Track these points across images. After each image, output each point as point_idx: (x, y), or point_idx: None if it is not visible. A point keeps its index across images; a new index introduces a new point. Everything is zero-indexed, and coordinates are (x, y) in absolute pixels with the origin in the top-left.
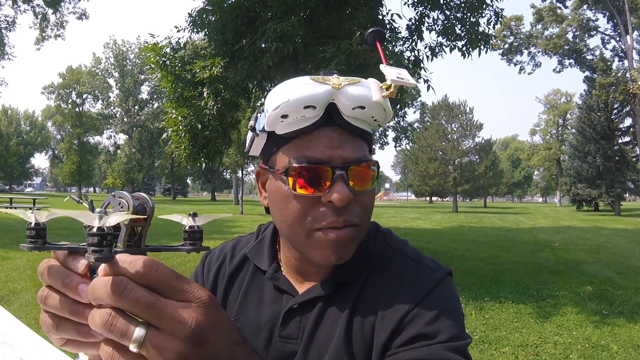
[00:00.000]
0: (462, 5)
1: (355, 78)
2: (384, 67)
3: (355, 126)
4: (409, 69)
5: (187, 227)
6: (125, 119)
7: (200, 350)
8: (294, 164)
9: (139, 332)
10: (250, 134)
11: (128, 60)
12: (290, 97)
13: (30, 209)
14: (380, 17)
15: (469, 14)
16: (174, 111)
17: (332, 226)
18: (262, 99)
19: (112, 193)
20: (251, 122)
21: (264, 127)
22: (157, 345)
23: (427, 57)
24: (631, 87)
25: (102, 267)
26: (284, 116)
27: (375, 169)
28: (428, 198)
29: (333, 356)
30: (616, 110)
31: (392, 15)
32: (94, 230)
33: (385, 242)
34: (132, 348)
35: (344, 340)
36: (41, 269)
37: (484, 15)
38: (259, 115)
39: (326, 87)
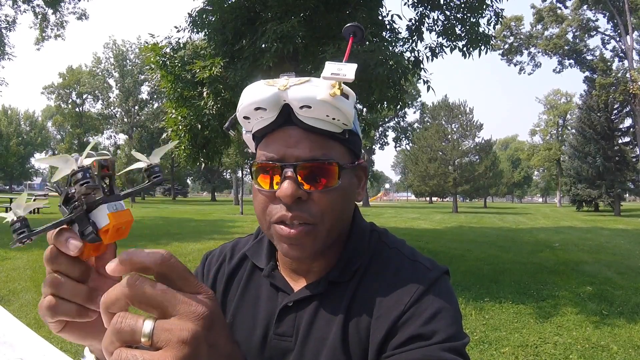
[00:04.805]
0: (462, 5)
1: (305, 78)
2: (327, 63)
3: (312, 126)
4: (409, 70)
5: (145, 167)
6: (125, 119)
7: (209, 334)
8: (257, 161)
9: (147, 324)
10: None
11: (128, 60)
12: (243, 101)
13: (6, 209)
14: (380, 17)
15: (469, 15)
16: (173, 111)
17: (282, 220)
18: None
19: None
20: (226, 125)
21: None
22: (168, 329)
23: (427, 57)
24: (631, 87)
25: (120, 259)
26: (246, 117)
27: (337, 169)
28: (428, 198)
29: (329, 355)
30: (616, 111)
31: (392, 15)
32: (76, 169)
33: (381, 241)
34: (143, 340)
35: (340, 339)
36: (44, 255)
37: (484, 15)
38: (235, 118)
39: (272, 89)
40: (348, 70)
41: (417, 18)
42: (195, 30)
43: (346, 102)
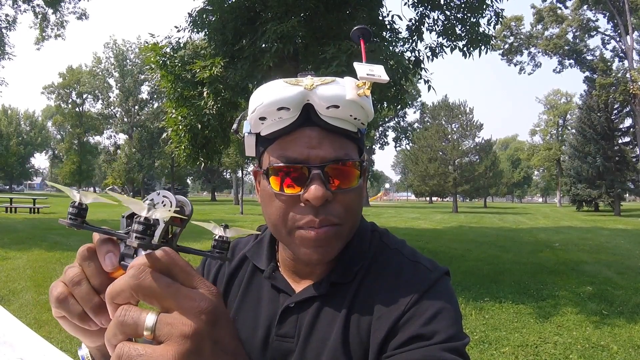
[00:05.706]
0: (463, 5)
1: (330, 78)
2: (357, 64)
3: (334, 125)
4: (410, 70)
5: (217, 237)
6: (125, 119)
7: (212, 330)
8: (274, 164)
9: (150, 317)
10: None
11: (128, 60)
12: (264, 100)
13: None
14: (381, 17)
15: (469, 15)
16: (173, 111)
17: (310, 225)
18: None
19: (157, 191)
20: (234, 126)
21: (251, 129)
22: (170, 323)
23: (428, 57)
24: (631, 87)
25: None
26: (262, 118)
27: (359, 168)
28: (428, 198)
29: (330, 356)
30: (616, 111)
31: (392, 16)
32: (142, 219)
33: (381, 242)
34: (146, 334)
35: (341, 340)
36: (81, 249)
37: (484, 15)
38: (243, 119)
39: (298, 88)
40: (380, 71)
41: (417, 18)
42: (195, 30)
43: (369, 101)
